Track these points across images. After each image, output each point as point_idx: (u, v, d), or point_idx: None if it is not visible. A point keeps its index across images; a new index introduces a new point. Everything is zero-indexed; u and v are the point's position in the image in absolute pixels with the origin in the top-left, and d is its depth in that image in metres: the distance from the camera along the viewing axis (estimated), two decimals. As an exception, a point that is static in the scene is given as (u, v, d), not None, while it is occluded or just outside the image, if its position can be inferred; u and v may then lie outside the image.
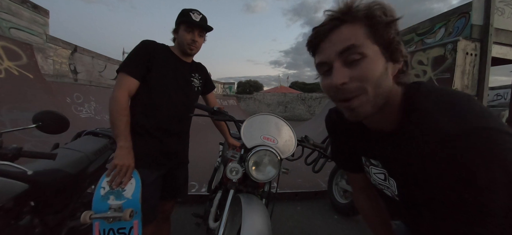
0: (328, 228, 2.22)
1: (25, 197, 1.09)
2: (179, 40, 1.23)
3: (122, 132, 1.06)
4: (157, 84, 1.18)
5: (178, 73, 1.25)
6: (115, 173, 1.02)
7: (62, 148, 1.53)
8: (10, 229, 1.04)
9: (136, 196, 1.03)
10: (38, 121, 1.22)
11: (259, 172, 1.02)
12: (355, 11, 0.44)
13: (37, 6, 5.67)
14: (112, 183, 1.01)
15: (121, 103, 1.08)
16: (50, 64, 6.18)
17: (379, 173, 0.56)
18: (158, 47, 1.22)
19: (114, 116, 1.06)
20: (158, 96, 1.18)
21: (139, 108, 1.18)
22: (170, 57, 1.24)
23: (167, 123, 1.21)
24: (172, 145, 1.25)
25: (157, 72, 1.17)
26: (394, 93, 0.48)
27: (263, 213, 0.94)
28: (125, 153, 1.04)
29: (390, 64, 0.46)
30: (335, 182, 2.64)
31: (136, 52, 1.15)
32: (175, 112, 1.24)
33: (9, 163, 0.98)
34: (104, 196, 1.01)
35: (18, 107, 3.62)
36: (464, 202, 0.38)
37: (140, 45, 1.17)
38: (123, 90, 1.10)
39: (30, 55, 4.59)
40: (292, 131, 1.12)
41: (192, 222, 1.83)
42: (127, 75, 1.11)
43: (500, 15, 4.42)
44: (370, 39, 0.44)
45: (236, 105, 15.19)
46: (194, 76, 1.33)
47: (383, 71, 0.45)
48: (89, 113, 5.49)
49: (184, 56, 1.29)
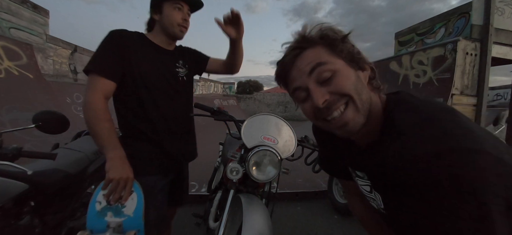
0: (328, 228, 2.22)
1: (25, 197, 1.09)
2: (165, 22, 1.02)
3: (107, 140, 0.89)
4: (139, 81, 0.99)
5: (162, 66, 1.05)
6: (111, 188, 0.85)
7: (62, 148, 1.53)
8: (10, 229, 1.04)
9: (138, 213, 0.88)
10: (38, 121, 1.22)
11: (259, 172, 1.02)
12: (310, 37, 0.48)
13: (37, 6, 5.67)
14: (109, 198, 0.86)
15: (99, 108, 0.90)
16: (50, 64, 6.18)
17: (365, 185, 0.56)
18: (132, 37, 1.00)
19: (93, 125, 0.89)
20: (145, 95, 1.01)
21: (128, 110, 1.03)
22: (147, 46, 1.03)
23: (163, 120, 1.05)
24: (177, 147, 1.11)
25: (136, 66, 0.98)
26: (375, 102, 0.49)
27: (263, 213, 0.94)
28: (119, 164, 0.86)
29: (360, 73, 0.48)
30: (335, 182, 2.64)
31: (107, 47, 0.95)
32: (169, 110, 1.07)
33: (9, 163, 0.98)
34: (100, 212, 0.87)
35: (18, 107, 3.61)
36: (432, 223, 0.37)
37: (109, 38, 0.95)
38: (97, 93, 0.91)
39: (30, 55, 4.58)
40: (292, 131, 1.12)
41: (192, 222, 1.83)
42: (100, 77, 0.92)
43: (500, 15, 4.42)
44: (332, 56, 0.46)
45: (236, 105, 15.18)
46: (178, 65, 1.13)
47: (357, 79, 0.47)
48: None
49: (168, 42, 1.08)
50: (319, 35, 0.47)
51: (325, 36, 0.47)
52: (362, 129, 0.48)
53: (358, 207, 0.75)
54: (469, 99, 4.04)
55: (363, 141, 0.52)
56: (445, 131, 0.38)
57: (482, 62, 4.14)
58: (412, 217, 0.42)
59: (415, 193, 0.39)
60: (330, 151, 0.68)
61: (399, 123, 0.44)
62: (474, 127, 0.39)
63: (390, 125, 0.46)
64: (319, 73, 0.46)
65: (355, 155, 0.56)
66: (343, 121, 0.46)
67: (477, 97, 4.08)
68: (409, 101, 0.46)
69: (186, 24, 1.05)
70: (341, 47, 0.46)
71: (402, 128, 0.43)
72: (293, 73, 0.49)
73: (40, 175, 1.17)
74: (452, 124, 0.39)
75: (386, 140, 0.46)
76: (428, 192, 0.37)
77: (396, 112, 0.46)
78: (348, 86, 0.45)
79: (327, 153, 0.71)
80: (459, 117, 0.41)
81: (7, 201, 1.01)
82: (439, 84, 4.17)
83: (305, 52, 0.48)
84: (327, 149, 0.69)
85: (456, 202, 0.35)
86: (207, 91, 14.29)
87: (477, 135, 0.37)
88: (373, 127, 0.49)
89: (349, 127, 0.46)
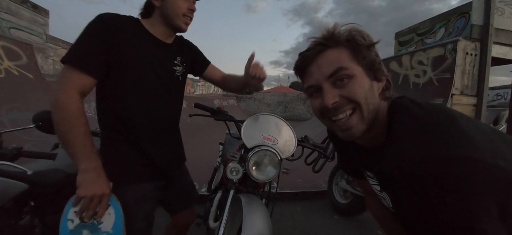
0: (328, 228, 2.22)
1: (25, 197, 1.09)
2: (169, 10, 0.86)
3: (79, 150, 0.74)
4: (128, 77, 0.84)
5: (156, 62, 0.90)
6: (83, 206, 0.74)
7: (62, 148, 1.53)
8: (10, 229, 1.04)
9: (118, 227, 0.79)
10: (38, 121, 1.22)
11: (259, 172, 1.02)
12: (337, 37, 0.47)
13: (37, 6, 5.67)
14: (82, 215, 0.75)
15: (72, 109, 0.74)
16: (50, 64, 6.18)
17: (375, 185, 0.57)
18: (124, 23, 0.83)
19: (63, 129, 0.73)
20: (133, 95, 0.86)
21: (109, 108, 0.88)
22: (143, 37, 0.87)
23: (150, 125, 0.91)
24: (164, 153, 0.97)
25: (127, 60, 0.82)
26: (381, 109, 0.50)
27: (263, 213, 0.94)
28: (92, 178, 0.74)
29: (375, 83, 0.49)
30: (335, 182, 2.64)
31: (91, 36, 0.77)
32: (159, 114, 0.93)
33: (9, 163, 0.98)
34: (74, 231, 0.77)
35: (18, 107, 3.61)
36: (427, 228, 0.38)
37: (95, 24, 0.78)
38: (72, 90, 0.75)
39: (30, 55, 4.58)
40: (292, 131, 1.12)
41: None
42: (77, 71, 0.75)
43: (500, 15, 4.41)
44: (354, 61, 0.47)
45: (236, 105, 15.17)
46: (176, 62, 0.99)
47: (370, 89, 0.47)
48: (89, 113, 5.44)
49: (166, 34, 0.92)
50: (346, 37, 0.47)
51: (351, 39, 0.47)
52: (365, 135, 0.50)
53: (373, 205, 0.76)
54: (469, 99, 4.04)
55: (369, 144, 0.53)
56: (438, 138, 0.38)
57: (482, 62, 4.14)
58: (413, 217, 0.42)
59: (409, 196, 0.40)
60: (343, 152, 0.69)
61: (395, 129, 0.45)
62: (473, 132, 0.38)
63: (390, 130, 0.47)
64: (337, 77, 0.47)
65: (363, 156, 0.57)
66: (347, 125, 0.48)
67: (477, 97, 4.08)
68: (408, 107, 0.46)
69: (191, 15, 0.91)
70: (364, 54, 0.47)
71: (397, 135, 0.44)
72: (312, 69, 0.50)
73: (40, 175, 1.17)
74: (447, 131, 0.39)
75: (387, 144, 0.47)
76: (416, 196, 0.38)
77: (395, 117, 0.47)
78: (359, 94, 0.46)
79: (342, 153, 0.72)
80: (458, 123, 0.40)
81: (7, 201, 1.01)
82: (439, 84, 4.17)
83: (328, 51, 0.48)
84: (342, 148, 0.70)
85: (442, 207, 0.35)
86: (207, 91, 14.29)
87: (471, 142, 0.37)
88: (378, 132, 0.50)
89: (351, 132, 0.48)
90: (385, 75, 0.50)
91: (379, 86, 0.50)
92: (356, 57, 0.47)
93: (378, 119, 0.50)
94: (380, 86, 0.50)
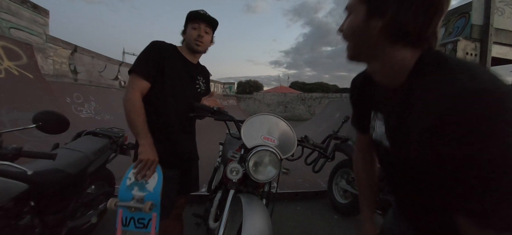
0: (328, 228, 2.22)
1: (25, 197, 1.09)
2: (187, 38, 1.26)
3: (141, 130, 1.10)
4: (167, 85, 1.20)
5: (184, 74, 1.26)
6: (140, 166, 1.05)
7: (62, 148, 1.53)
8: (10, 229, 1.04)
9: (157, 191, 1.06)
10: (38, 121, 1.22)
11: (259, 172, 1.02)
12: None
13: (37, 6, 5.67)
14: (137, 175, 1.06)
15: (136, 103, 1.11)
16: (50, 64, 6.18)
17: (381, 125, 0.60)
18: (167, 47, 1.24)
19: (131, 116, 1.10)
20: (167, 97, 1.20)
21: (149, 108, 1.18)
22: (177, 57, 1.26)
23: (176, 124, 1.24)
24: (182, 145, 1.29)
25: (167, 73, 1.19)
26: (391, 51, 0.49)
27: (263, 213, 0.94)
28: (148, 149, 1.08)
29: (374, 20, 0.48)
30: (335, 182, 2.64)
31: (147, 53, 1.17)
32: (183, 113, 1.25)
33: (9, 163, 0.98)
34: (129, 187, 1.06)
35: (18, 107, 3.62)
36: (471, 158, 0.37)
37: (150, 46, 1.19)
38: (135, 90, 1.13)
39: (30, 55, 4.59)
40: (292, 131, 1.12)
41: (192, 222, 1.83)
42: (139, 77, 1.14)
43: (500, 15, 4.42)
44: (361, 3, 0.51)
45: (236, 105, 15.18)
46: (199, 79, 1.35)
47: (361, 27, 0.51)
48: (89, 113, 5.49)
49: (191, 55, 1.31)
50: None
51: None
52: (371, 67, 0.56)
53: (360, 163, 0.84)
54: (469, 99, 4.03)
55: (387, 81, 0.55)
56: (469, 74, 0.39)
57: (482, 62, 4.14)
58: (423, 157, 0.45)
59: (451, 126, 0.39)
60: (360, 100, 0.73)
61: (426, 65, 0.47)
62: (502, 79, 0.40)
63: (419, 69, 0.48)
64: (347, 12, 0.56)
65: (380, 96, 0.61)
66: (345, 46, 0.57)
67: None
68: (442, 53, 0.47)
69: (201, 39, 1.24)
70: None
71: (427, 70, 0.46)
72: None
73: (40, 175, 1.17)
74: (480, 70, 0.40)
75: (411, 82, 0.48)
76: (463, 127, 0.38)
77: (427, 58, 0.48)
78: (346, 29, 0.55)
79: (357, 102, 0.77)
80: (490, 71, 0.42)
81: (7, 201, 1.01)
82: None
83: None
84: (358, 98, 0.75)
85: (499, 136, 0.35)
86: (207, 91, 14.29)
87: (501, 82, 0.38)
88: (388, 74, 0.52)
89: (347, 55, 0.57)
90: (389, 9, 0.46)
91: (378, 22, 0.47)
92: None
93: (386, 59, 0.50)
94: (380, 26, 0.47)
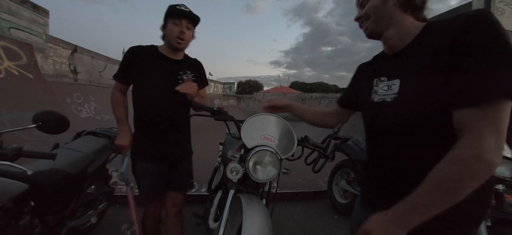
0: (328, 228, 2.22)
1: (25, 197, 1.09)
2: (168, 35, 1.26)
3: (119, 119, 1.35)
4: (140, 85, 1.30)
5: (162, 72, 1.28)
6: (118, 150, 1.35)
7: (62, 148, 1.53)
8: (10, 229, 1.04)
9: (125, 170, 1.38)
10: (38, 121, 1.22)
11: (259, 172, 1.02)
12: None
13: (37, 6, 5.67)
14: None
15: (115, 98, 1.36)
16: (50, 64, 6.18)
17: (384, 86, 0.71)
18: (142, 50, 1.30)
19: (113, 108, 1.36)
20: (141, 96, 1.30)
21: (136, 107, 1.33)
22: (155, 57, 1.29)
23: (159, 120, 1.29)
24: (167, 141, 1.33)
25: (139, 74, 1.27)
26: (402, 18, 0.67)
27: (263, 213, 0.94)
28: (122, 135, 1.33)
29: (390, 0, 0.66)
30: (335, 182, 2.64)
31: (123, 60, 1.31)
32: (162, 110, 1.29)
33: (9, 163, 0.98)
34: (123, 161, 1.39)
35: (18, 107, 3.62)
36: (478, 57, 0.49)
37: (126, 53, 1.30)
38: (116, 90, 1.37)
39: (30, 55, 4.59)
40: (292, 131, 1.12)
41: (192, 222, 1.83)
42: (117, 80, 1.35)
43: (500, 15, 4.41)
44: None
45: (236, 105, 15.17)
46: (183, 74, 1.33)
47: (382, 4, 0.68)
48: (89, 113, 5.49)
49: (173, 52, 1.31)
50: None
51: None
52: (386, 34, 0.70)
53: (318, 114, 1.08)
54: (469, 99, 4.03)
55: (394, 47, 0.70)
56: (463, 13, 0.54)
57: (482, 62, 4.13)
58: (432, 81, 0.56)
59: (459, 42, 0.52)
60: (359, 78, 0.88)
61: (431, 24, 0.63)
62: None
63: (426, 28, 0.64)
64: (362, 1, 0.73)
65: (386, 61, 0.75)
66: (364, 27, 0.74)
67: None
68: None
69: (182, 36, 1.24)
70: None
71: (432, 26, 0.62)
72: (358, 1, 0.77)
73: (40, 175, 1.17)
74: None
75: (419, 35, 0.64)
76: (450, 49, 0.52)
77: (432, 24, 0.63)
78: (368, 9, 0.70)
79: (354, 82, 0.92)
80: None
81: (7, 201, 1.00)
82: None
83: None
84: (358, 76, 0.90)
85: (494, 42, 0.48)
86: (207, 91, 14.30)
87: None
88: (400, 36, 0.68)
89: (368, 31, 0.73)
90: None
91: (396, 0, 0.66)
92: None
93: (399, 25, 0.67)
94: (394, 1, 0.66)
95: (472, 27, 0.50)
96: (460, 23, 0.53)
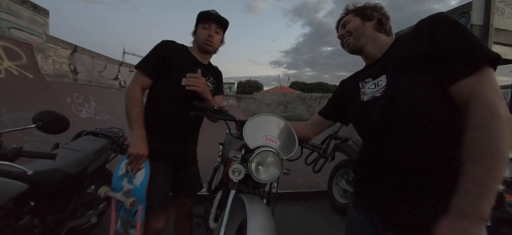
0: (328, 228, 2.22)
1: (25, 197, 1.09)
2: (197, 38, 1.27)
3: (135, 121, 1.14)
4: (172, 83, 1.21)
5: (192, 73, 1.22)
6: (130, 159, 1.09)
7: (62, 148, 1.53)
8: (10, 229, 1.04)
9: (142, 186, 1.10)
10: (38, 121, 1.22)
11: (262, 173, 1.01)
12: (349, 8, 0.91)
13: (37, 6, 5.67)
14: (127, 167, 1.11)
15: (134, 95, 1.17)
16: (50, 64, 6.18)
17: (371, 85, 0.78)
18: (176, 47, 1.26)
19: (128, 106, 1.16)
20: (171, 94, 1.22)
21: (153, 105, 1.23)
22: (187, 58, 1.27)
23: (177, 122, 1.24)
24: (181, 144, 1.28)
25: (171, 71, 1.20)
26: (377, 35, 0.84)
27: (267, 213, 0.94)
28: (138, 142, 1.11)
29: (367, 23, 0.85)
30: (335, 182, 2.64)
31: (154, 52, 1.21)
32: (185, 111, 1.21)
33: (9, 163, 0.98)
34: (120, 177, 1.13)
35: (18, 107, 3.61)
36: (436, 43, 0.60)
37: (159, 45, 1.22)
38: (137, 84, 1.19)
39: (30, 55, 4.58)
40: (293, 131, 1.12)
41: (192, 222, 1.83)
42: (142, 73, 1.20)
43: (500, 15, 4.42)
44: (353, 15, 0.88)
45: (236, 105, 15.16)
46: (208, 79, 1.32)
47: (361, 25, 0.85)
48: (89, 113, 5.49)
49: (202, 55, 1.31)
50: (352, 9, 0.89)
51: (353, 8, 0.89)
52: (366, 48, 0.84)
53: (307, 126, 1.15)
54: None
55: (374, 56, 0.82)
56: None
57: (482, 62, 4.12)
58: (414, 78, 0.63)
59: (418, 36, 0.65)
60: (343, 89, 0.96)
61: (401, 36, 0.77)
62: None
63: (395, 41, 0.78)
64: (344, 23, 0.90)
65: (367, 69, 0.86)
66: (346, 43, 0.89)
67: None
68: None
69: (210, 39, 1.24)
70: (359, 11, 0.87)
71: (400, 38, 0.77)
72: (340, 24, 0.94)
73: (40, 175, 1.17)
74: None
75: (393, 44, 0.78)
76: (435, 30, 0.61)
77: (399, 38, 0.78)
78: (350, 28, 0.87)
79: (337, 95, 1.00)
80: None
81: (7, 201, 1.00)
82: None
83: (345, 16, 0.91)
84: (342, 89, 0.97)
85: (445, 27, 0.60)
86: (207, 91, 14.27)
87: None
88: (378, 47, 0.81)
89: (349, 48, 0.88)
90: (375, 15, 0.85)
91: (372, 24, 0.84)
92: (354, 13, 0.88)
93: (376, 40, 0.82)
94: (373, 23, 0.84)
95: (441, 17, 0.62)
96: (428, 19, 0.64)
